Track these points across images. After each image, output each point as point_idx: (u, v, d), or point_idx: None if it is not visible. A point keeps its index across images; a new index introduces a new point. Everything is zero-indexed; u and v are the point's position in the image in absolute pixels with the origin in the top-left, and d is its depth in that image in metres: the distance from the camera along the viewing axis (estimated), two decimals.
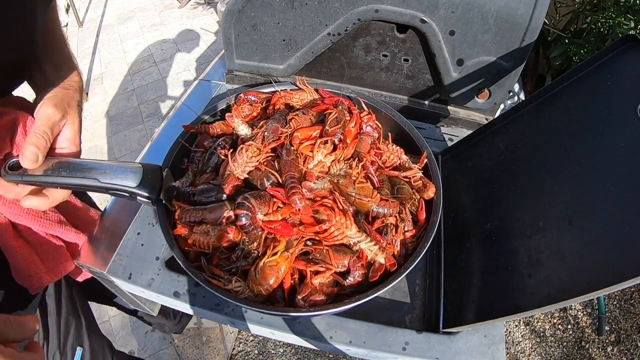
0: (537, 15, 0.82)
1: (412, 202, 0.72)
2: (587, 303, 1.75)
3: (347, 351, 0.69)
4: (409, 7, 0.86)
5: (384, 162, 0.77)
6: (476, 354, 0.67)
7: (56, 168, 0.55)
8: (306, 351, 1.60)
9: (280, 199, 0.66)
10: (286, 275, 0.63)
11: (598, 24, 1.52)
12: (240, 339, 1.65)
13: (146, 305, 0.90)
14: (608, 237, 0.52)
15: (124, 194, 0.61)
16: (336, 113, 0.79)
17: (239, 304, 0.60)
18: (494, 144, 0.82)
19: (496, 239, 0.72)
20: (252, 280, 0.61)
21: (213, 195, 0.69)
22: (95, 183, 0.57)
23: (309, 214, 0.66)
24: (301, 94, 0.88)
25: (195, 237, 0.65)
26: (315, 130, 0.76)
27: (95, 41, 3.37)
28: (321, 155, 0.71)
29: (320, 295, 0.62)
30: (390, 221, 0.69)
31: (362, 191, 0.67)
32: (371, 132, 0.81)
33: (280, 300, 0.63)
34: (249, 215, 0.63)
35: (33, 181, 0.54)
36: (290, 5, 0.92)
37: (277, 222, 0.65)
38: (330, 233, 0.65)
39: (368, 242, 0.65)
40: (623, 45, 0.62)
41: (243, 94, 0.87)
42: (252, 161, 0.71)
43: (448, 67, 0.94)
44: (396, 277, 0.62)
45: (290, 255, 0.63)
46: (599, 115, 0.62)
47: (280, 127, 0.75)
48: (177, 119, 1.00)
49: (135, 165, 0.62)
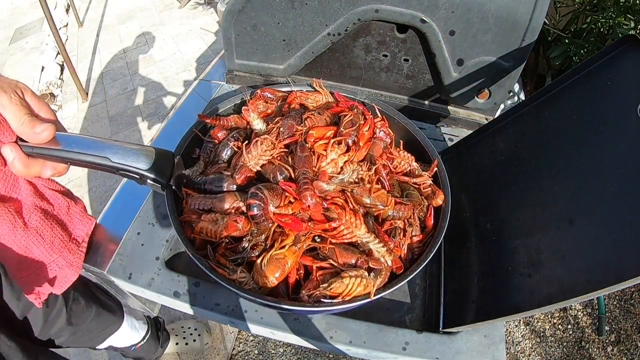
0: (537, 15, 0.82)
1: (420, 208, 0.73)
2: (587, 303, 1.75)
3: (347, 351, 0.69)
4: (409, 7, 0.86)
5: (394, 167, 0.78)
6: (476, 354, 0.67)
7: (68, 143, 0.54)
8: (306, 351, 1.60)
9: (292, 194, 0.67)
10: (292, 270, 0.63)
11: (598, 24, 1.52)
12: (240, 339, 1.65)
13: (146, 305, 0.90)
14: (608, 237, 0.52)
15: (134, 175, 0.60)
16: (351, 116, 0.80)
17: (243, 294, 0.59)
18: (494, 144, 0.82)
19: (496, 239, 0.72)
20: (258, 272, 0.61)
21: (224, 184, 0.70)
22: (107, 162, 0.56)
23: (320, 211, 0.66)
24: (316, 95, 0.89)
25: (203, 225, 0.65)
26: (329, 130, 0.77)
27: (95, 41, 3.37)
28: (335, 155, 0.72)
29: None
30: (399, 225, 0.69)
31: (378, 199, 0.68)
32: (384, 137, 0.82)
33: (283, 295, 0.63)
34: (261, 206, 0.63)
35: (44, 154, 0.53)
36: (290, 5, 0.92)
37: (287, 215, 0.65)
38: (339, 231, 0.65)
39: (376, 243, 0.65)
40: (623, 45, 0.62)
41: (260, 90, 0.88)
42: (266, 154, 0.72)
43: (448, 67, 0.94)
44: (402, 279, 0.62)
45: (297, 249, 0.63)
46: (599, 115, 0.62)
47: (295, 125, 0.77)
48: (177, 119, 1.01)
49: (148, 148, 0.62)
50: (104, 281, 0.79)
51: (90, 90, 2.88)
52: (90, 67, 3.09)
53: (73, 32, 3.47)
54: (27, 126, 0.50)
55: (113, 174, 0.60)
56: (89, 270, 0.78)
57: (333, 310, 0.61)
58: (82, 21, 3.57)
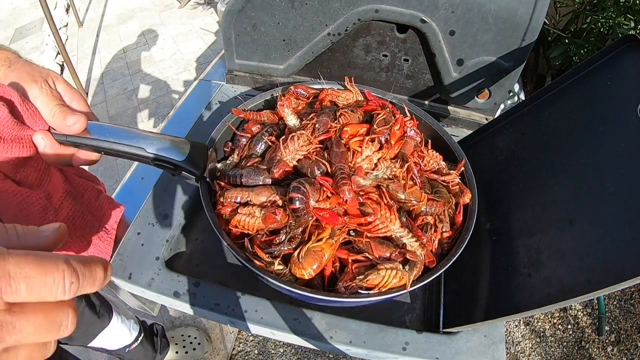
0: (537, 15, 0.82)
1: (449, 205, 0.74)
2: (587, 303, 1.75)
3: (347, 351, 0.69)
4: (409, 7, 0.86)
5: (424, 165, 0.80)
6: (476, 354, 0.67)
7: (103, 132, 0.53)
8: (306, 351, 1.60)
9: (329, 189, 0.67)
10: (329, 262, 0.64)
11: (598, 24, 1.52)
12: (240, 339, 1.65)
13: (146, 305, 0.90)
14: (608, 237, 0.52)
15: (169, 166, 0.60)
16: (384, 114, 0.81)
17: (281, 285, 0.60)
18: (494, 144, 0.82)
19: (496, 239, 0.72)
20: (295, 264, 0.62)
21: (261, 178, 0.71)
22: (142, 152, 0.56)
23: (356, 205, 0.67)
24: (347, 94, 0.90)
25: (239, 218, 0.66)
26: (363, 127, 0.79)
27: (95, 41, 3.37)
28: (369, 151, 0.73)
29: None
30: (429, 220, 0.70)
31: (412, 195, 0.69)
32: (414, 136, 0.83)
33: (319, 288, 0.64)
34: (303, 200, 0.63)
35: (78, 142, 0.52)
36: (290, 5, 0.92)
37: (326, 210, 0.65)
38: (375, 226, 0.66)
39: (410, 237, 0.66)
40: (623, 45, 0.62)
41: (293, 87, 0.89)
42: (302, 150, 0.73)
43: (448, 67, 0.94)
44: (434, 272, 0.63)
45: (334, 242, 0.64)
46: (599, 115, 0.62)
47: (330, 121, 0.78)
48: (177, 118, 1.00)
49: (183, 140, 0.63)
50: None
51: (90, 90, 2.88)
52: (90, 67, 3.10)
53: (73, 32, 3.47)
54: (58, 117, 0.49)
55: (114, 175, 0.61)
56: None
57: (370, 302, 0.62)
58: (82, 21, 3.57)
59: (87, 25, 3.55)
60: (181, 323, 1.60)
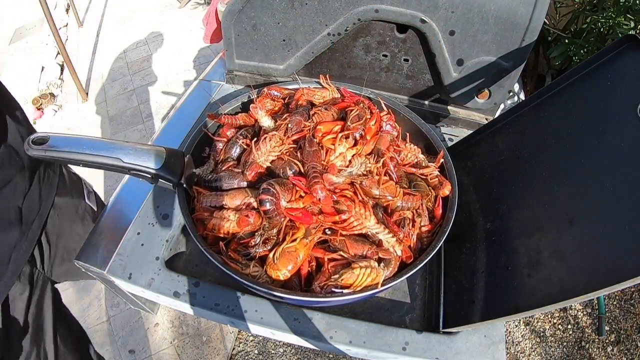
0: (537, 15, 0.82)
1: (428, 198, 0.74)
2: (587, 303, 1.75)
3: (347, 351, 0.69)
4: (409, 7, 0.86)
5: (402, 159, 0.80)
6: (476, 354, 0.67)
7: (80, 146, 0.54)
8: (306, 351, 1.60)
9: (302, 188, 0.68)
10: (304, 262, 0.64)
11: (598, 24, 1.52)
12: (240, 339, 1.65)
13: (146, 305, 0.90)
14: (608, 237, 0.52)
15: (146, 175, 0.61)
16: (358, 110, 0.81)
17: (257, 287, 0.60)
18: (494, 144, 0.82)
19: (496, 239, 0.72)
20: (270, 266, 0.62)
21: (235, 181, 0.71)
22: (118, 162, 0.58)
23: (330, 204, 0.67)
24: (323, 92, 0.90)
25: (215, 222, 0.66)
26: (337, 125, 0.79)
27: (95, 41, 3.37)
28: (343, 148, 0.73)
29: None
30: (407, 215, 0.70)
31: (387, 190, 0.69)
32: (390, 130, 0.83)
33: (296, 288, 0.64)
34: (273, 201, 0.64)
35: (56, 157, 0.54)
36: (290, 5, 0.92)
37: (298, 209, 0.66)
38: (349, 223, 0.66)
39: (386, 233, 0.66)
40: (623, 45, 0.62)
41: (267, 89, 0.90)
42: (275, 150, 0.74)
43: (448, 67, 0.94)
44: (412, 268, 0.63)
45: (309, 242, 0.64)
46: (599, 115, 0.62)
47: (303, 121, 0.78)
48: (177, 119, 1.00)
49: (159, 148, 0.63)
50: (104, 281, 0.79)
51: (90, 90, 2.88)
52: (90, 67, 3.09)
53: (73, 32, 3.47)
54: None
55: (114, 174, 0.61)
56: (89, 271, 0.78)
57: (344, 301, 0.62)
58: (82, 21, 3.57)
59: (87, 25, 3.55)
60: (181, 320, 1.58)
